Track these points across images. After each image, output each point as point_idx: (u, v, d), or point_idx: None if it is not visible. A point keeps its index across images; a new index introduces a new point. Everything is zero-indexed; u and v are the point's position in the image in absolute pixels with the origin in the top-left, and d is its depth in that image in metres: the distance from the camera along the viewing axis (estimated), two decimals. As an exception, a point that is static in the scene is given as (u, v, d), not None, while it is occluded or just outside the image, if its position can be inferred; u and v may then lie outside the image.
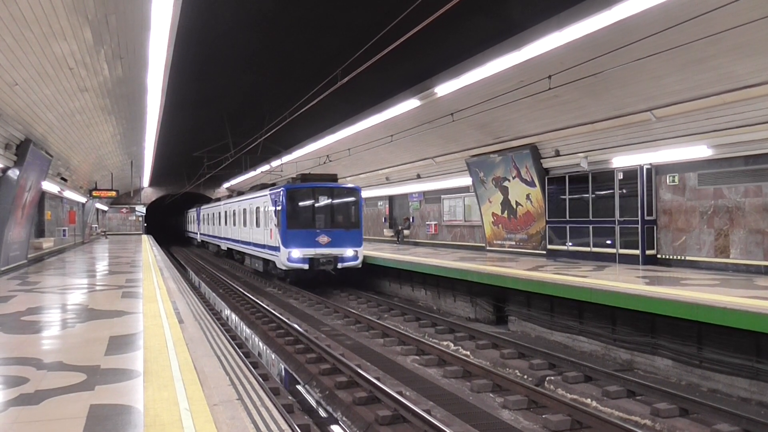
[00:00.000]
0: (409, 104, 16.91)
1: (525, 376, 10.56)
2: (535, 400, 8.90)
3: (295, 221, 21.06)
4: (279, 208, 21.54)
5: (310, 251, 20.67)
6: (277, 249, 21.58)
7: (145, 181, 47.88)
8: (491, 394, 9.53)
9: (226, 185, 52.85)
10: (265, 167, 35.15)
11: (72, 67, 12.11)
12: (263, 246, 24.12)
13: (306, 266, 20.64)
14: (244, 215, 28.64)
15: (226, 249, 36.43)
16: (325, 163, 27.19)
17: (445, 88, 14.95)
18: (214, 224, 40.16)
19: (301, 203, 21.49)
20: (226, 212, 34.48)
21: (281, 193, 21.41)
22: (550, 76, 12.15)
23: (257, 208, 25.44)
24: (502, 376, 9.95)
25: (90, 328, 8.65)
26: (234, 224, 31.55)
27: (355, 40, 12.35)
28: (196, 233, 52.42)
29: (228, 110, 27.69)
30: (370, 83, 16.62)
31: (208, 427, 4.60)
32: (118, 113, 18.68)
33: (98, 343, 7.54)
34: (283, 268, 21.30)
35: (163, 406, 5.04)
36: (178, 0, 8.73)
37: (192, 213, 56.55)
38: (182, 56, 13.82)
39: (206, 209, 44.88)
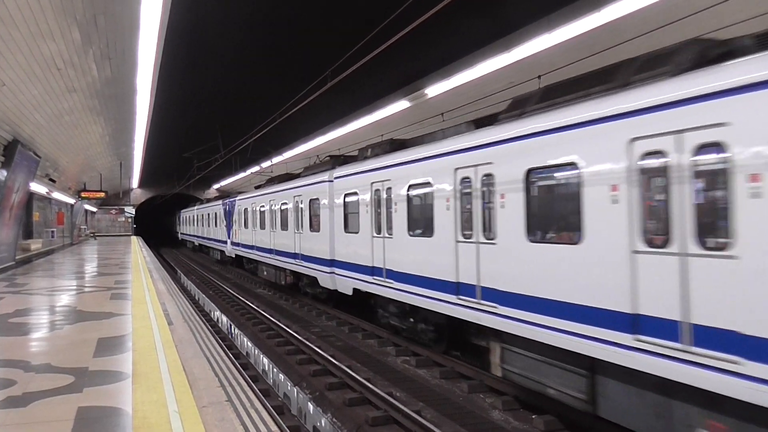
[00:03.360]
0: (399, 105, 16.92)
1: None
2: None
3: None
4: None
5: None
6: None
7: (135, 182, 47.70)
8: (481, 395, 9.53)
9: (216, 186, 52.76)
10: (255, 168, 35.13)
11: (60, 68, 12.04)
12: None
13: None
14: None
15: (349, 290, 14.51)
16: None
17: (435, 89, 15.00)
18: (300, 228, 18.32)
19: None
20: (387, 193, 12.46)
21: None
22: (539, 77, 12.20)
23: None
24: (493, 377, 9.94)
25: (78, 330, 8.61)
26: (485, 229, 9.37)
27: (346, 42, 12.35)
28: (225, 242, 32.29)
29: (218, 111, 27.60)
30: (361, 84, 16.61)
31: (197, 429, 4.58)
32: (107, 114, 18.60)
33: (86, 345, 7.50)
34: None
35: (151, 408, 5.02)
36: (168, 0, 8.71)
37: (207, 211, 38.54)
38: (172, 57, 13.78)
39: (257, 198, 24.57)
